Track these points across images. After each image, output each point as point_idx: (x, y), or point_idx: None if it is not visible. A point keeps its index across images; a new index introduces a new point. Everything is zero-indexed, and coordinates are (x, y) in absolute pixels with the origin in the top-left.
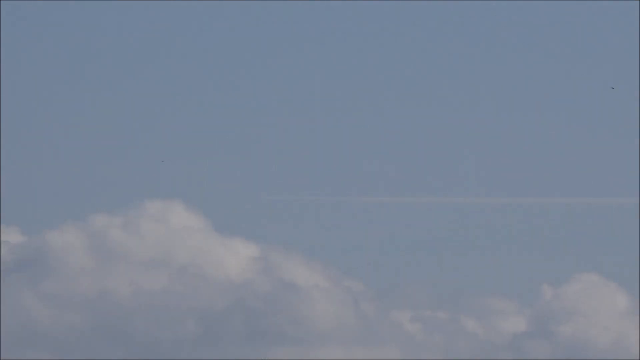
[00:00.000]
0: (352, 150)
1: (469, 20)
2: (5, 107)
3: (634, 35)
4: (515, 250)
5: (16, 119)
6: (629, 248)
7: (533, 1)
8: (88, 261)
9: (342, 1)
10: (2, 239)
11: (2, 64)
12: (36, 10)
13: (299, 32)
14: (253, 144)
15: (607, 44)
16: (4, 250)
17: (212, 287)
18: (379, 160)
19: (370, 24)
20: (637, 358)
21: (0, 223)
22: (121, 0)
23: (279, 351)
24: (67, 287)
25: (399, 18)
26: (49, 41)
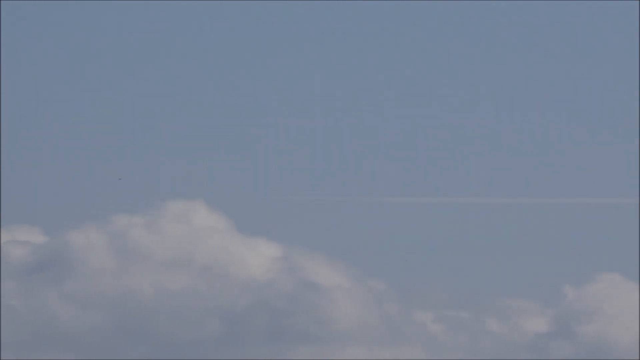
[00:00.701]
0: (372, 150)
1: (469, 20)
2: (25, 108)
3: (634, 35)
4: (536, 251)
5: (36, 120)
6: (629, 248)
7: (533, 1)
8: (110, 261)
9: (342, 1)
10: (24, 239)
11: (2, 64)
12: (36, 10)
13: (299, 32)
14: (276, 145)
15: (607, 44)
16: (26, 251)
17: (235, 286)
18: (390, 160)
19: (370, 24)
20: None
21: (1, 224)
22: (121, 0)
23: (302, 351)
24: (89, 287)
25: (399, 18)
26: (49, 41)
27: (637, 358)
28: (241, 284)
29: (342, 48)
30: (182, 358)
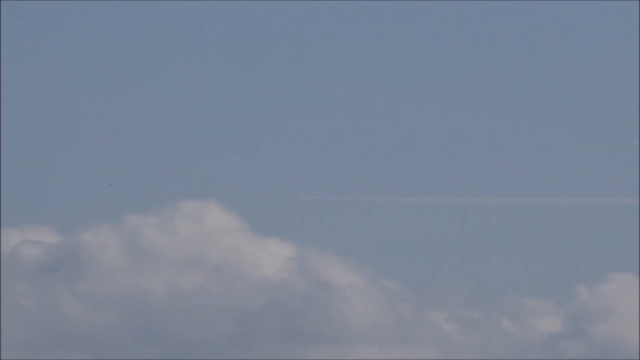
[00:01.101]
0: (381, 150)
1: (469, 20)
2: (34, 108)
3: (634, 35)
4: (549, 251)
5: (48, 120)
6: (629, 248)
7: (533, 1)
8: (123, 261)
9: (342, 1)
10: (36, 239)
11: (2, 64)
12: (36, 10)
13: (299, 32)
14: (288, 145)
15: (607, 44)
16: (39, 251)
17: (248, 286)
18: (395, 160)
19: (370, 24)
20: None
21: (1, 226)
22: (121, 0)
23: (315, 351)
24: (101, 287)
25: (399, 18)
26: (49, 41)
27: None
28: (254, 284)
29: (342, 48)
30: (195, 358)
